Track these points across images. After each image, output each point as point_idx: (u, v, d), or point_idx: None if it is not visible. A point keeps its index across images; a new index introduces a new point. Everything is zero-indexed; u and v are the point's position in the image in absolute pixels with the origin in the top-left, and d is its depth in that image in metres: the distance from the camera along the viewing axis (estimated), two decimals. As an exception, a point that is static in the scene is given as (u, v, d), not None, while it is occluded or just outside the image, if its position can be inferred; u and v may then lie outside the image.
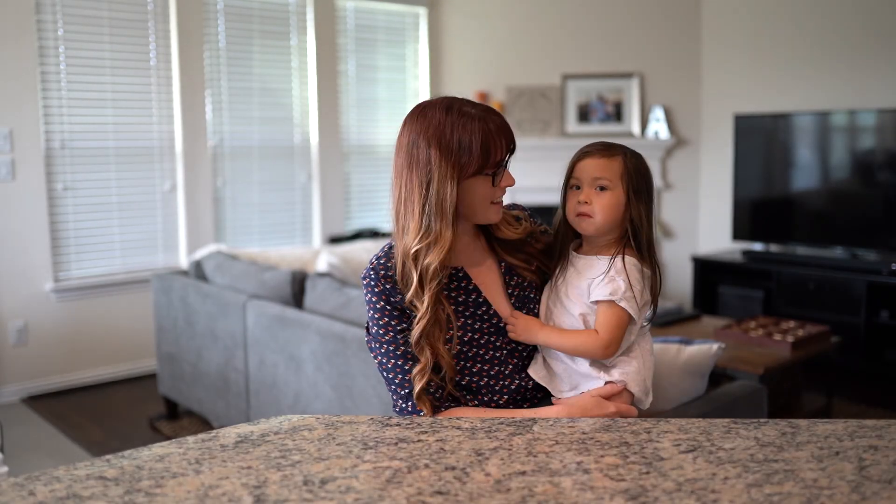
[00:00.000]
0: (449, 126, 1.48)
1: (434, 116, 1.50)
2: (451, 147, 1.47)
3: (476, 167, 1.49)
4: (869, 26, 4.74)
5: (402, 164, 1.51)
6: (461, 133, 1.48)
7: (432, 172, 1.47)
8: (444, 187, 1.47)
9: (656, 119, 5.48)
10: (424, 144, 1.48)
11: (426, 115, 1.51)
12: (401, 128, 1.55)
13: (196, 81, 4.74)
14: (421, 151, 1.48)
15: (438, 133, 1.48)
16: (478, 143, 1.48)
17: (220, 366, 3.53)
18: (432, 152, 1.47)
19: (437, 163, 1.47)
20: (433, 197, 1.47)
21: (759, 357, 3.26)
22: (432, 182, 1.47)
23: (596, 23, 5.58)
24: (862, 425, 1.36)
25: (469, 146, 1.48)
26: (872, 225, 4.59)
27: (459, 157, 1.48)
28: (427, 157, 1.48)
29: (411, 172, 1.49)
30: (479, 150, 1.48)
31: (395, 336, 1.56)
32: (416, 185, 1.49)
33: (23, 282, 4.27)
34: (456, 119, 1.49)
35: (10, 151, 4.18)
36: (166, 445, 1.30)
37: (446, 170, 1.47)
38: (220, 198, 4.97)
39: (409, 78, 5.79)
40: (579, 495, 1.10)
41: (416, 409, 1.54)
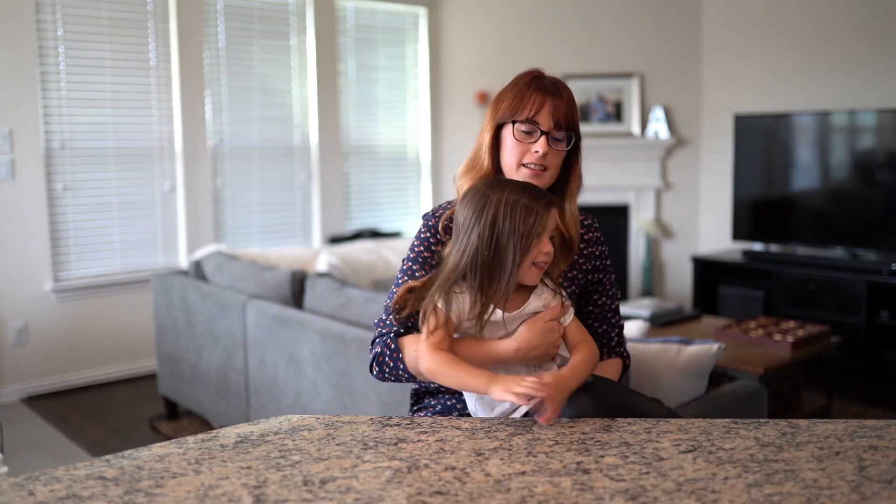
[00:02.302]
0: (508, 85, 1.69)
1: (509, 82, 1.70)
2: (498, 97, 1.67)
3: (504, 113, 1.64)
4: (869, 26, 4.74)
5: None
6: (507, 87, 1.67)
7: (485, 118, 1.69)
8: (486, 129, 1.68)
9: (656, 119, 5.48)
10: (491, 101, 1.71)
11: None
12: None
13: (196, 81, 4.74)
14: (489, 106, 1.71)
15: (500, 91, 1.69)
16: (514, 91, 1.64)
17: (220, 366, 3.53)
18: (489, 108, 1.69)
19: (488, 111, 1.69)
20: (482, 137, 1.69)
21: (759, 357, 3.26)
22: (484, 127, 1.69)
23: (596, 23, 5.58)
24: (862, 425, 1.36)
25: (507, 95, 1.65)
26: (872, 225, 4.59)
27: (498, 104, 1.66)
28: (488, 108, 1.70)
29: (483, 122, 1.71)
30: (511, 99, 1.63)
31: (416, 259, 1.67)
32: (481, 130, 1.71)
33: (23, 282, 4.27)
34: (514, 79, 1.68)
35: (10, 151, 4.18)
36: (166, 445, 1.30)
37: (490, 114, 1.67)
38: (220, 198, 4.97)
39: (409, 78, 5.79)
40: (579, 495, 1.10)
41: (387, 321, 1.62)
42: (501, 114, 1.64)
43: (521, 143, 1.62)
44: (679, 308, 4.07)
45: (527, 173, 1.62)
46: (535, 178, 1.61)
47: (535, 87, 1.63)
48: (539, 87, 1.63)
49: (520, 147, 1.62)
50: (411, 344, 1.56)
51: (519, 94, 1.63)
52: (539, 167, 1.61)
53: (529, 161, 1.61)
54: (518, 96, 1.63)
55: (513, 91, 1.64)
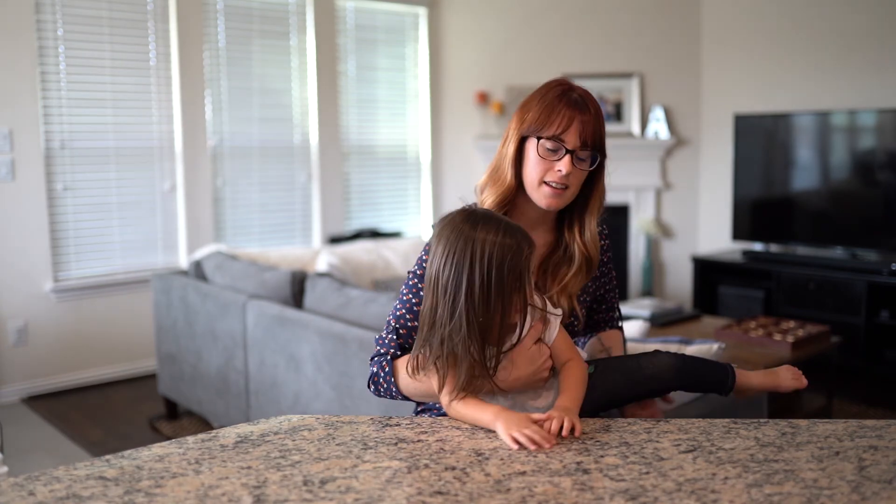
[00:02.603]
0: (535, 93, 1.62)
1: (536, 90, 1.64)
2: (524, 107, 1.62)
3: (530, 125, 1.58)
4: (869, 26, 4.74)
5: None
6: (535, 96, 1.61)
7: (509, 128, 1.64)
8: (509, 140, 1.62)
9: (656, 119, 5.48)
10: (517, 109, 1.64)
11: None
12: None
13: (196, 81, 4.74)
14: (513, 115, 1.65)
15: (526, 99, 1.63)
16: (543, 105, 1.58)
17: (220, 366, 3.53)
18: (514, 115, 1.63)
19: (513, 121, 1.63)
20: (505, 148, 1.63)
21: (759, 357, 3.26)
22: (508, 136, 1.63)
23: (596, 23, 5.58)
24: (862, 425, 1.36)
25: (534, 105, 1.59)
26: (872, 225, 4.59)
27: (524, 114, 1.60)
28: (511, 120, 1.65)
29: (505, 130, 1.66)
30: (539, 112, 1.58)
31: (422, 276, 1.57)
32: (503, 139, 1.66)
33: (23, 282, 4.27)
34: (542, 88, 1.62)
35: (10, 151, 4.18)
36: (166, 445, 1.30)
37: (516, 125, 1.62)
38: (220, 198, 4.97)
39: (409, 78, 5.79)
40: (579, 495, 1.10)
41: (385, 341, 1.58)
42: (527, 126, 1.58)
43: (545, 161, 1.57)
44: (679, 308, 4.07)
45: (547, 191, 1.58)
46: (555, 197, 1.58)
47: (565, 101, 1.57)
48: (568, 103, 1.57)
49: (543, 164, 1.57)
50: (405, 366, 1.52)
51: (547, 107, 1.57)
52: (561, 186, 1.57)
53: (552, 180, 1.57)
54: (546, 110, 1.57)
55: (541, 103, 1.58)
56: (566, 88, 1.60)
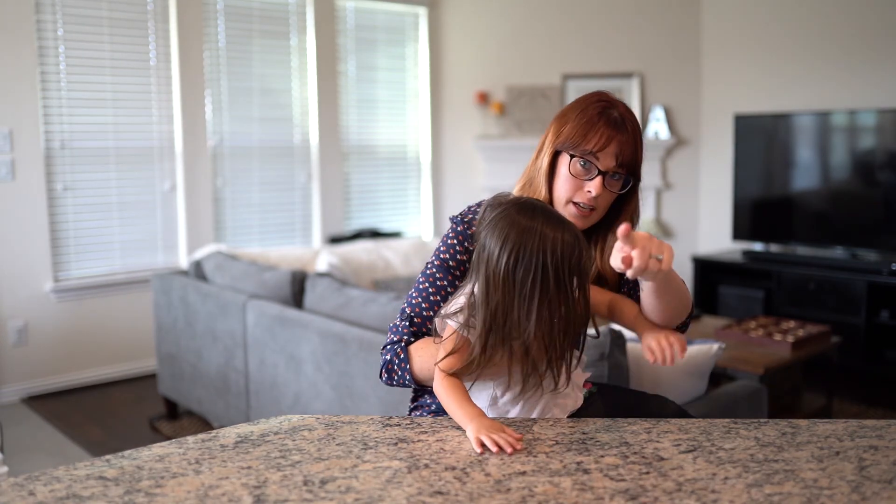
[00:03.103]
0: (575, 103, 1.58)
1: (576, 100, 1.60)
2: (563, 118, 1.57)
3: (566, 140, 1.54)
4: (869, 27, 4.74)
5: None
6: (574, 109, 1.56)
7: (544, 140, 1.59)
8: (544, 151, 1.58)
9: (656, 119, 5.48)
10: (554, 119, 1.60)
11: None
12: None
13: (196, 81, 4.74)
14: (550, 124, 1.61)
15: (565, 109, 1.59)
16: (581, 121, 1.53)
17: (220, 366, 3.53)
18: (551, 126, 1.59)
19: (550, 131, 1.58)
20: (539, 160, 1.59)
21: (760, 357, 3.26)
22: (543, 148, 1.59)
23: (596, 23, 5.58)
24: (862, 425, 1.36)
25: (571, 118, 1.55)
26: (872, 225, 4.59)
27: (561, 127, 1.56)
28: (547, 129, 1.60)
29: (541, 139, 1.62)
30: (577, 127, 1.53)
31: (441, 266, 1.57)
32: (538, 147, 1.62)
33: (23, 282, 4.27)
34: (582, 100, 1.57)
35: (10, 151, 4.18)
36: (166, 445, 1.30)
37: (550, 137, 1.57)
38: (220, 198, 4.97)
39: (409, 78, 5.79)
40: (579, 495, 1.10)
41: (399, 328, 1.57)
42: (563, 140, 1.53)
43: (576, 179, 1.52)
44: (679, 308, 4.06)
45: (573, 211, 1.53)
46: (581, 219, 1.53)
47: (605, 119, 1.51)
48: (608, 121, 1.51)
49: (573, 182, 1.53)
50: (419, 351, 1.52)
51: (586, 123, 1.51)
52: (588, 207, 1.53)
53: (580, 200, 1.52)
54: (584, 126, 1.51)
55: (580, 118, 1.53)
56: (607, 105, 1.54)
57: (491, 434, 1.27)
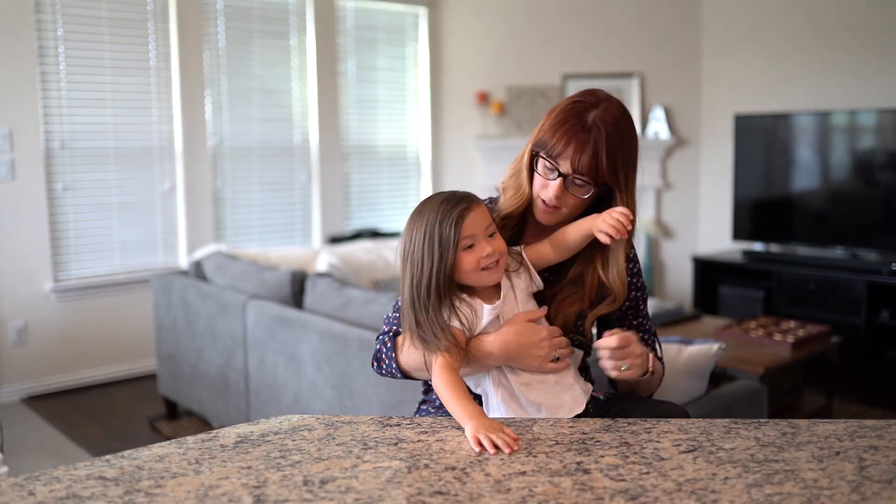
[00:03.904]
0: (559, 104, 1.60)
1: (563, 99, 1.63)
2: (548, 115, 1.60)
3: (538, 141, 1.57)
4: (869, 26, 4.74)
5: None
6: (559, 106, 1.59)
7: (532, 135, 1.62)
8: (527, 148, 1.62)
9: (656, 119, 5.48)
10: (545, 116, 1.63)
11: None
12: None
13: (196, 81, 4.74)
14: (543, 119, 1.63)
15: (552, 108, 1.61)
16: (554, 121, 1.56)
17: (220, 366, 3.53)
18: (543, 118, 1.62)
19: (536, 129, 1.61)
20: (522, 156, 1.63)
21: (760, 357, 3.26)
22: (527, 144, 1.63)
23: (596, 23, 5.58)
24: (862, 425, 1.36)
25: (550, 117, 1.58)
26: (872, 225, 4.59)
27: (543, 123, 1.59)
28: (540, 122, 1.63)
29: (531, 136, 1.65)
30: (549, 128, 1.56)
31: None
32: (527, 144, 1.64)
33: (23, 282, 4.27)
34: (563, 102, 1.60)
35: (10, 151, 4.18)
36: (166, 445, 1.30)
37: (534, 133, 1.61)
38: (220, 198, 4.97)
39: (409, 78, 5.79)
40: (579, 495, 1.10)
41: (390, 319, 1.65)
42: (536, 139, 1.57)
43: (542, 178, 1.57)
44: (679, 308, 4.07)
45: (541, 207, 1.58)
46: (546, 214, 1.58)
47: (571, 124, 1.52)
48: (574, 126, 1.52)
49: (540, 180, 1.58)
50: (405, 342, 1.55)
51: (556, 125, 1.54)
52: (552, 206, 1.56)
53: (544, 197, 1.57)
54: (553, 128, 1.54)
55: (555, 118, 1.55)
56: (585, 108, 1.54)
57: (489, 434, 1.28)
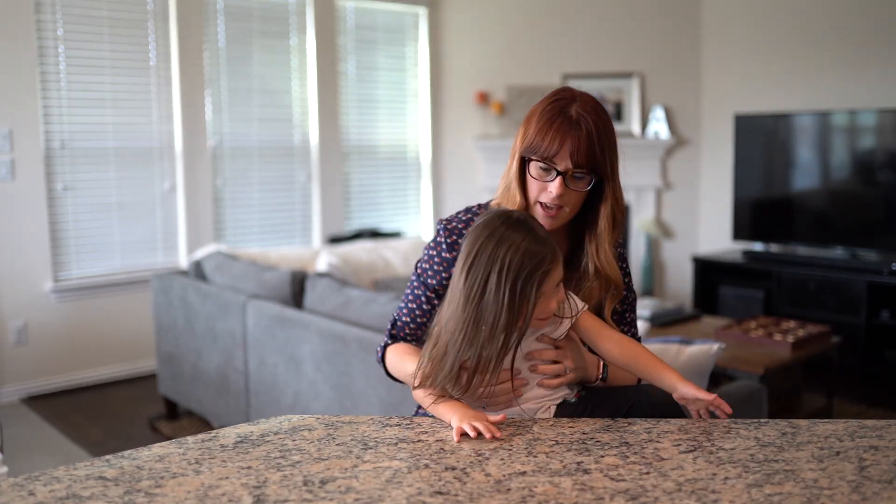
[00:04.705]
0: (536, 106, 1.60)
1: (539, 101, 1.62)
2: (526, 122, 1.60)
3: (526, 146, 1.57)
4: (869, 26, 4.74)
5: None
6: (536, 110, 1.58)
7: (515, 143, 1.63)
8: (514, 157, 1.61)
9: (656, 119, 5.48)
10: (522, 123, 1.63)
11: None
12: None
13: (196, 81, 4.74)
14: (519, 129, 1.63)
15: (529, 112, 1.61)
16: (539, 124, 1.55)
17: (220, 366, 3.53)
18: (519, 129, 1.62)
19: (518, 137, 1.61)
20: (511, 165, 1.62)
21: (760, 357, 3.25)
22: (514, 153, 1.62)
23: (596, 23, 5.58)
24: (862, 425, 1.36)
25: (533, 122, 1.57)
26: (872, 225, 4.59)
27: (526, 130, 1.58)
28: (517, 133, 1.63)
29: (513, 145, 1.65)
30: (535, 132, 1.55)
31: (420, 278, 1.68)
32: (510, 155, 1.64)
33: (23, 282, 4.27)
34: (542, 103, 1.59)
35: (10, 151, 4.18)
36: (166, 445, 1.30)
37: (518, 142, 1.60)
38: (220, 198, 4.97)
39: (409, 78, 5.79)
40: (579, 495, 1.10)
41: (387, 331, 1.74)
42: (525, 146, 1.57)
43: (539, 181, 1.56)
44: (679, 308, 4.07)
45: (541, 212, 1.57)
46: (548, 219, 1.56)
47: (559, 122, 1.53)
48: (562, 123, 1.53)
49: (537, 184, 1.56)
50: (391, 355, 1.69)
51: (542, 127, 1.54)
52: (554, 207, 1.55)
53: (545, 200, 1.55)
54: (541, 131, 1.54)
55: (538, 122, 1.55)
56: (565, 104, 1.55)
57: (472, 422, 1.34)
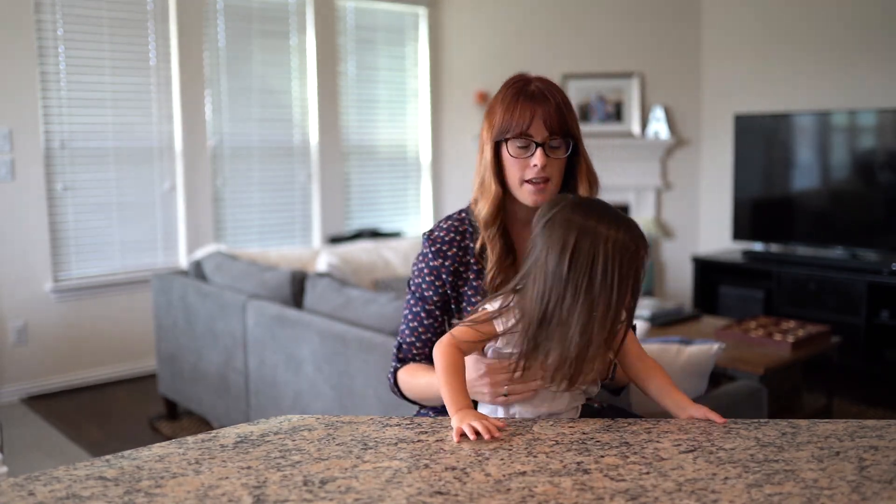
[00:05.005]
0: (496, 96, 1.64)
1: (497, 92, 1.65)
2: (490, 112, 1.63)
3: (498, 130, 1.60)
4: (869, 27, 4.74)
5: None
6: (497, 99, 1.63)
7: (481, 137, 1.65)
8: (485, 148, 1.63)
9: (656, 119, 5.48)
10: (484, 116, 1.66)
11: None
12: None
13: (196, 81, 4.74)
14: (483, 122, 1.66)
15: (490, 104, 1.65)
16: (503, 106, 1.60)
17: (220, 366, 3.53)
18: (483, 122, 1.65)
19: (483, 129, 1.64)
20: (483, 157, 1.65)
21: (760, 357, 3.26)
22: (482, 145, 1.65)
23: (596, 23, 5.58)
24: (862, 425, 1.36)
25: (497, 109, 1.61)
26: (872, 225, 4.59)
27: (491, 119, 1.62)
28: (482, 127, 1.66)
29: (479, 140, 1.68)
30: (501, 114, 1.59)
31: (415, 295, 1.68)
32: (479, 148, 1.67)
33: (23, 282, 4.27)
34: (501, 90, 1.63)
35: (10, 151, 4.18)
36: (166, 445, 1.30)
37: (486, 133, 1.63)
38: (220, 198, 4.97)
39: (409, 78, 5.79)
40: (579, 495, 1.10)
41: (394, 356, 1.72)
42: (496, 131, 1.60)
43: (519, 160, 1.58)
44: (679, 308, 4.07)
45: (530, 189, 1.58)
46: (539, 194, 1.58)
47: (523, 98, 1.58)
48: (526, 98, 1.58)
49: (518, 163, 1.58)
50: (404, 375, 1.68)
51: (509, 107, 1.58)
52: (540, 180, 1.58)
53: (531, 176, 1.57)
54: (508, 110, 1.58)
55: (501, 105, 1.60)
56: (523, 84, 1.61)
57: (471, 423, 1.33)
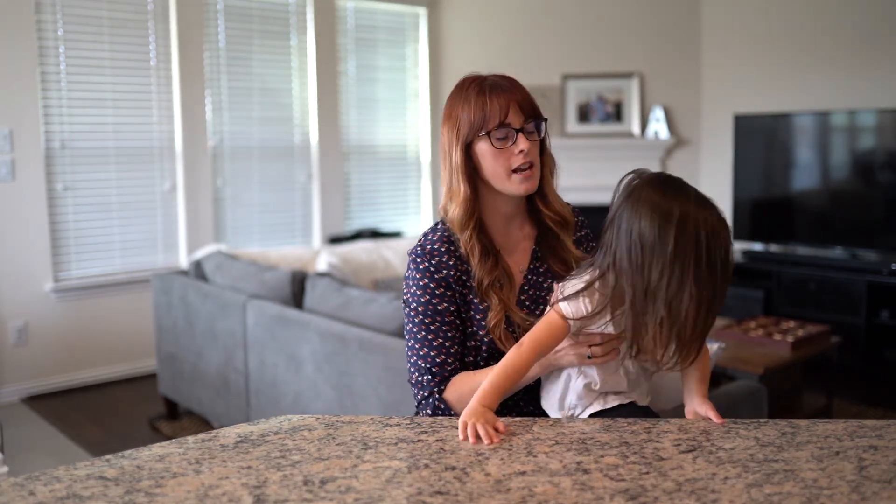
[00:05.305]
0: (452, 99, 1.63)
1: (449, 97, 1.64)
2: (451, 116, 1.61)
3: (470, 128, 1.58)
4: (869, 27, 4.74)
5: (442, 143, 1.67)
6: (456, 101, 1.61)
7: (444, 145, 1.63)
8: (453, 152, 1.60)
9: (656, 119, 5.48)
10: (443, 123, 1.65)
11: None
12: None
13: (196, 81, 4.74)
14: (441, 129, 1.65)
15: (446, 109, 1.63)
16: (469, 105, 1.58)
17: (220, 366, 3.53)
18: (443, 128, 1.63)
19: (445, 134, 1.62)
20: (451, 162, 1.61)
21: (759, 357, 3.26)
22: (448, 152, 1.62)
23: (596, 23, 5.58)
24: (862, 425, 1.36)
25: (461, 110, 1.59)
26: (872, 225, 4.59)
27: (454, 122, 1.60)
28: (441, 137, 1.64)
29: (441, 148, 1.65)
30: (471, 113, 1.58)
31: (426, 311, 1.59)
32: (443, 156, 1.64)
33: (23, 282, 4.27)
34: (457, 92, 1.62)
35: (10, 151, 4.18)
36: (166, 445, 1.30)
37: (450, 137, 1.60)
38: (220, 198, 4.97)
39: (409, 78, 5.79)
40: (579, 495, 1.10)
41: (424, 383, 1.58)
42: (468, 130, 1.57)
43: (503, 151, 1.56)
44: (679, 308, 4.06)
45: (519, 177, 1.57)
46: (528, 180, 1.58)
47: (489, 90, 1.57)
48: (493, 90, 1.57)
49: (502, 154, 1.56)
50: (453, 392, 1.56)
51: (476, 105, 1.56)
52: (527, 166, 1.57)
53: (518, 164, 1.56)
54: (476, 108, 1.56)
55: (465, 104, 1.58)
56: (480, 80, 1.61)
57: (475, 422, 1.32)
